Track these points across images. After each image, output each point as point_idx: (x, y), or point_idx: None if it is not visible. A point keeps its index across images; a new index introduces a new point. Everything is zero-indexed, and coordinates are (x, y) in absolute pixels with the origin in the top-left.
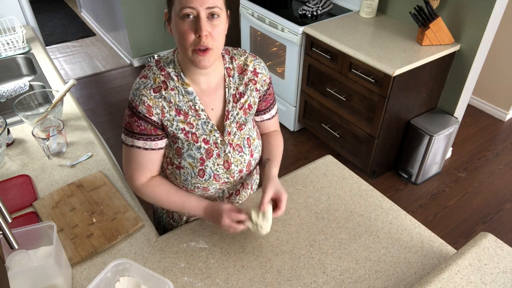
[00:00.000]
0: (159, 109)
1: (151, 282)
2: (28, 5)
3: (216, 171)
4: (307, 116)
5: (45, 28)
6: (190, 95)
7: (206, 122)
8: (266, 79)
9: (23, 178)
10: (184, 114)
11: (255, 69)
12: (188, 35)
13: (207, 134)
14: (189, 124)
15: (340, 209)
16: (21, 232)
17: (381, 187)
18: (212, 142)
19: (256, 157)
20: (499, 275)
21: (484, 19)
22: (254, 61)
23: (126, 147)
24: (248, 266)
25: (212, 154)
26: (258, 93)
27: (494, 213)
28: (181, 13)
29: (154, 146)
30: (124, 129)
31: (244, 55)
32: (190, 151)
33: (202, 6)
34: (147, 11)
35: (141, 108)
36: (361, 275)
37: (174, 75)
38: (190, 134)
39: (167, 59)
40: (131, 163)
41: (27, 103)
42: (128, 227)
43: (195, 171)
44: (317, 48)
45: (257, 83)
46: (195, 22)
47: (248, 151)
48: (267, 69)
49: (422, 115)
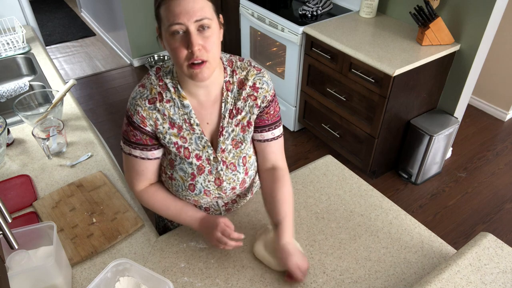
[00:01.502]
0: (153, 121)
1: (151, 282)
2: (28, 5)
3: (206, 187)
4: (307, 116)
5: (45, 28)
6: (186, 109)
7: (200, 137)
8: (268, 96)
9: (23, 178)
10: (178, 127)
11: (254, 84)
12: (180, 51)
13: (200, 149)
14: (183, 138)
15: (340, 209)
16: (21, 232)
17: (381, 187)
18: (204, 158)
19: (251, 174)
20: (499, 275)
21: (484, 19)
22: (255, 76)
23: (125, 154)
24: (248, 266)
25: (203, 171)
26: (259, 110)
27: (494, 213)
28: (170, 30)
29: (151, 156)
30: (122, 137)
31: (247, 69)
32: (182, 165)
33: (190, 21)
34: (147, 11)
35: (136, 118)
36: (361, 275)
37: (172, 87)
38: (183, 148)
39: (167, 68)
40: (129, 170)
41: (27, 103)
42: (128, 227)
43: (185, 185)
44: (317, 48)
45: (257, 99)
46: (185, 37)
47: (243, 170)
48: (271, 85)
49: (422, 115)
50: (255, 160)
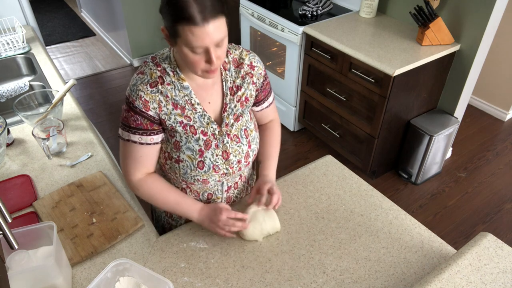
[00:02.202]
0: (156, 104)
1: (151, 282)
2: (28, 5)
3: (215, 161)
4: (307, 116)
5: (45, 28)
6: (186, 90)
7: (203, 115)
8: (262, 72)
9: (23, 178)
10: (181, 108)
11: (251, 62)
12: (200, 64)
13: (205, 126)
14: (187, 117)
15: (340, 209)
16: (21, 232)
17: (381, 187)
18: (210, 134)
19: (254, 148)
20: (499, 275)
21: (484, 19)
22: (249, 55)
23: (123, 142)
24: (248, 266)
25: (210, 145)
26: (255, 86)
27: (494, 213)
28: (192, 50)
29: (150, 141)
30: (121, 124)
31: (239, 49)
32: (189, 144)
33: (213, 43)
34: (147, 11)
35: (138, 103)
36: (361, 275)
37: (170, 71)
38: (188, 126)
39: (163, 55)
40: (127, 157)
41: (27, 103)
42: (128, 227)
43: (194, 163)
44: (317, 48)
45: (253, 76)
46: (205, 53)
47: (246, 142)
48: (261, 62)
49: (422, 115)
50: (257, 136)
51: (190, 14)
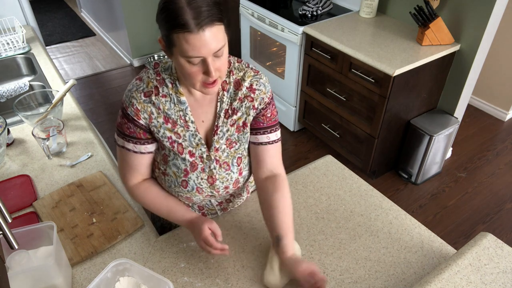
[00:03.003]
0: (147, 114)
1: (151, 282)
2: (28, 5)
3: (199, 184)
4: (307, 116)
5: (45, 28)
6: (182, 105)
7: (194, 135)
8: (265, 98)
9: (23, 178)
10: (172, 122)
11: (251, 85)
12: (197, 76)
13: (194, 147)
14: (176, 134)
15: (340, 209)
16: (21, 232)
17: (381, 187)
18: (197, 156)
19: (245, 174)
20: (499, 275)
21: (484, 19)
22: (252, 77)
23: (118, 147)
24: (248, 266)
25: (196, 168)
26: (256, 112)
27: (494, 213)
28: (188, 59)
29: (144, 150)
30: (116, 129)
31: (244, 70)
32: (175, 161)
33: (209, 53)
34: (147, 11)
35: (130, 110)
36: (361, 275)
37: (169, 82)
38: (176, 144)
39: (166, 64)
40: (122, 163)
41: (27, 103)
42: (128, 227)
43: (178, 181)
44: (317, 48)
45: (254, 100)
46: (203, 64)
47: (237, 170)
48: (268, 87)
49: (422, 115)
50: (249, 161)
51: (185, 20)
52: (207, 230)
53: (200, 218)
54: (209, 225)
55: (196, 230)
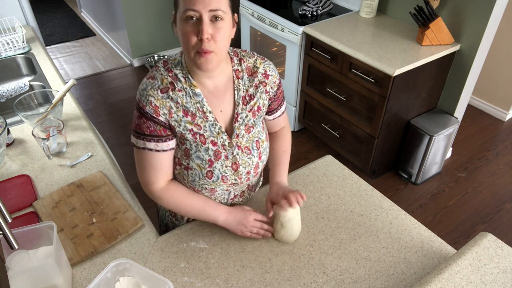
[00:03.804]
0: (166, 110)
1: (151, 282)
2: (28, 5)
3: (224, 172)
4: (307, 116)
5: (45, 28)
6: (197, 97)
7: (214, 124)
8: (276, 81)
9: (23, 178)
10: (191, 115)
11: (265, 71)
12: (191, 37)
13: (215, 136)
14: (197, 126)
15: (340, 209)
16: (21, 232)
17: (381, 187)
18: (220, 144)
19: (264, 159)
20: (499, 275)
21: (484, 19)
22: (263, 63)
23: (138, 151)
24: (248, 266)
25: (220, 156)
26: (268, 95)
27: (494, 213)
28: (184, 15)
29: (166, 147)
30: (133, 132)
31: (253, 57)
32: (198, 153)
33: (205, 9)
34: (147, 11)
35: (148, 108)
36: (361, 275)
37: (182, 77)
38: (198, 135)
39: (175, 60)
40: (145, 167)
41: (27, 103)
42: (128, 227)
43: (203, 173)
44: (317, 48)
45: (267, 85)
46: (197, 24)
47: (257, 153)
48: (276, 71)
49: (422, 115)
50: (268, 146)
51: None
52: (250, 208)
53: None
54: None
55: (240, 214)
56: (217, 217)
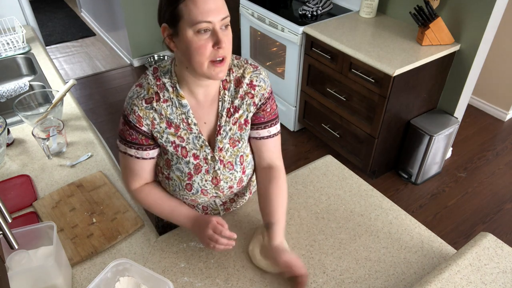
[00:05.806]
0: (149, 120)
1: (151, 282)
2: (28, 5)
3: (204, 186)
4: (307, 116)
5: (45, 28)
6: (183, 108)
7: (198, 137)
8: (265, 93)
9: (23, 178)
10: (175, 127)
11: (251, 81)
12: (205, 49)
13: (198, 149)
14: (180, 138)
15: (340, 209)
16: (21, 232)
17: (381, 187)
18: (202, 158)
19: (249, 172)
20: (499, 275)
21: (484, 19)
22: (252, 73)
23: (120, 153)
24: (248, 266)
25: (200, 170)
26: (256, 107)
27: (494, 213)
28: (196, 29)
29: (145, 156)
30: (118, 135)
31: (243, 67)
32: (179, 165)
33: (217, 19)
34: (147, 11)
35: (132, 117)
36: (361, 275)
37: (170, 86)
38: (180, 148)
39: (164, 68)
40: (125, 168)
41: (27, 103)
42: (128, 227)
43: (182, 184)
44: (317, 48)
45: (254, 97)
46: (212, 35)
47: (240, 168)
48: (268, 82)
49: (422, 115)
50: (252, 159)
51: None
52: (215, 220)
53: (206, 215)
54: (215, 218)
55: (203, 224)
56: (185, 225)
